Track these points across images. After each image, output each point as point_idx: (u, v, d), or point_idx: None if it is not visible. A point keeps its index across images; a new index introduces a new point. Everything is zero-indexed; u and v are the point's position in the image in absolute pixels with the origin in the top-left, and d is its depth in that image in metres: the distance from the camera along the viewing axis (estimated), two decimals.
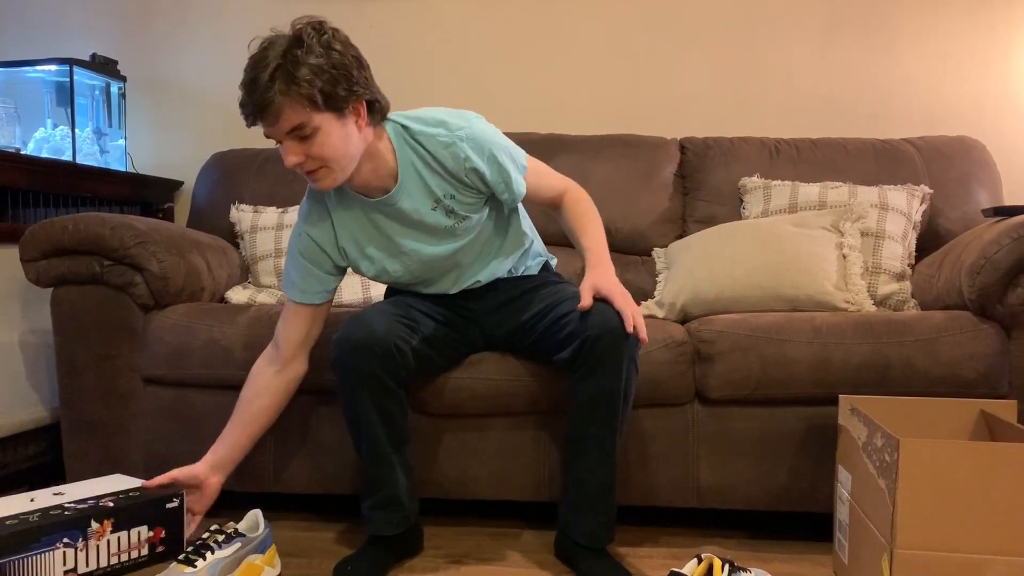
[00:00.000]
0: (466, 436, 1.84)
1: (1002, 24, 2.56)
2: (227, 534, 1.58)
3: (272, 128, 1.45)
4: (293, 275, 1.67)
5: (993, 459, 1.26)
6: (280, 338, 1.69)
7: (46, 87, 2.61)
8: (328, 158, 1.48)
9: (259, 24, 2.81)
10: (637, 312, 1.52)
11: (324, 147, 1.46)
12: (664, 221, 2.41)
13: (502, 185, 1.63)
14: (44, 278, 1.93)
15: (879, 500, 1.35)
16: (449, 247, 1.67)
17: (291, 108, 1.42)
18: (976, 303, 1.74)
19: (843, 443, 1.59)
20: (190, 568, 1.50)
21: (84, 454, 1.96)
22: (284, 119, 1.43)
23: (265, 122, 1.45)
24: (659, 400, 1.77)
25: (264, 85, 1.40)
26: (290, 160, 1.47)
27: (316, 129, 1.45)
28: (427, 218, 1.63)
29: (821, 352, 1.73)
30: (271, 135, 1.47)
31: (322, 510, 2.01)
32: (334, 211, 1.65)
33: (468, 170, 1.59)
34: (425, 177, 1.60)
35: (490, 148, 1.60)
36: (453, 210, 1.63)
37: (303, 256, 1.66)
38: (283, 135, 1.45)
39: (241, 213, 2.40)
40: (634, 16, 2.69)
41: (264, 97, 1.40)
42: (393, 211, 1.62)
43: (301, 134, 1.45)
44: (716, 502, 1.80)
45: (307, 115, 1.43)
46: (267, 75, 1.40)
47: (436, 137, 1.58)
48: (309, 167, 1.49)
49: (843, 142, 2.41)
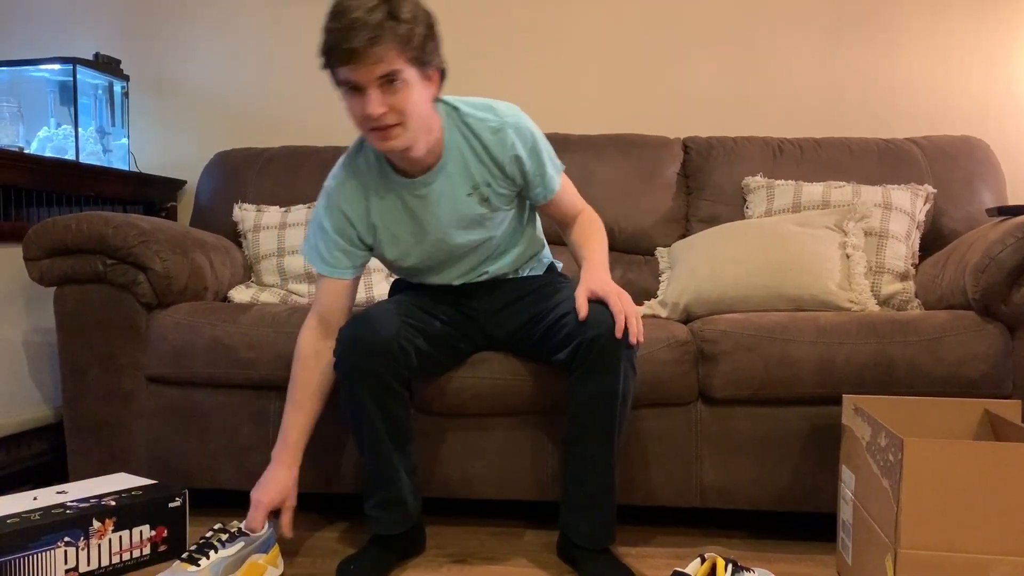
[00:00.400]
0: (468, 435, 1.84)
1: (1006, 23, 2.55)
2: (231, 533, 1.57)
3: (364, 71, 1.40)
4: (322, 250, 1.64)
5: (997, 459, 1.25)
6: (324, 312, 1.65)
7: (49, 86, 2.62)
8: (409, 114, 1.45)
9: (262, 23, 2.82)
10: (632, 312, 1.50)
11: (408, 102, 1.44)
12: (667, 221, 2.41)
13: (539, 178, 1.65)
14: (47, 277, 1.93)
15: (883, 500, 1.35)
16: (475, 237, 1.67)
17: (391, 52, 1.39)
18: (980, 303, 1.73)
19: (847, 443, 1.58)
20: (193, 567, 1.49)
21: (87, 453, 1.96)
22: (382, 63, 1.39)
23: (360, 63, 1.39)
24: (662, 400, 1.77)
25: (369, 24, 1.36)
26: (374, 108, 1.42)
27: (405, 82, 1.42)
28: (461, 203, 1.63)
29: (825, 352, 1.72)
30: (358, 80, 1.41)
31: (324, 509, 2.01)
32: (371, 188, 1.63)
33: (512, 157, 1.61)
34: (468, 160, 1.60)
35: (534, 139, 1.63)
36: (488, 199, 1.64)
37: (334, 231, 1.63)
38: (372, 81, 1.41)
39: (244, 212, 2.40)
40: (637, 15, 2.69)
41: (366, 37, 1.36)
42: (429, 192, 1.61)
43: (391, 84, 1.42)
44: (720, 502, 1.80)
45: (402, 64, 1.41)
46: (373, 15, 1.37)
47: (485, 121, 1.59)
48: (388, 121, 1.44)
49: (847, 142, 2.41)
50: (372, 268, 2.25)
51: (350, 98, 1.46)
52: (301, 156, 2.55)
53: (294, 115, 2.83)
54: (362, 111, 1.44)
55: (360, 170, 1.63)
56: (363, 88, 1.42)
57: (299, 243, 2.28)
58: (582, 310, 1.51)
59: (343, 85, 1.45)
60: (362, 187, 1.63)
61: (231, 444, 1.90)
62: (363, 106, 1.43)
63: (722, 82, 2.66)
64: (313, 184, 2.47)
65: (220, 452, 1.91)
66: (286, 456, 1.65)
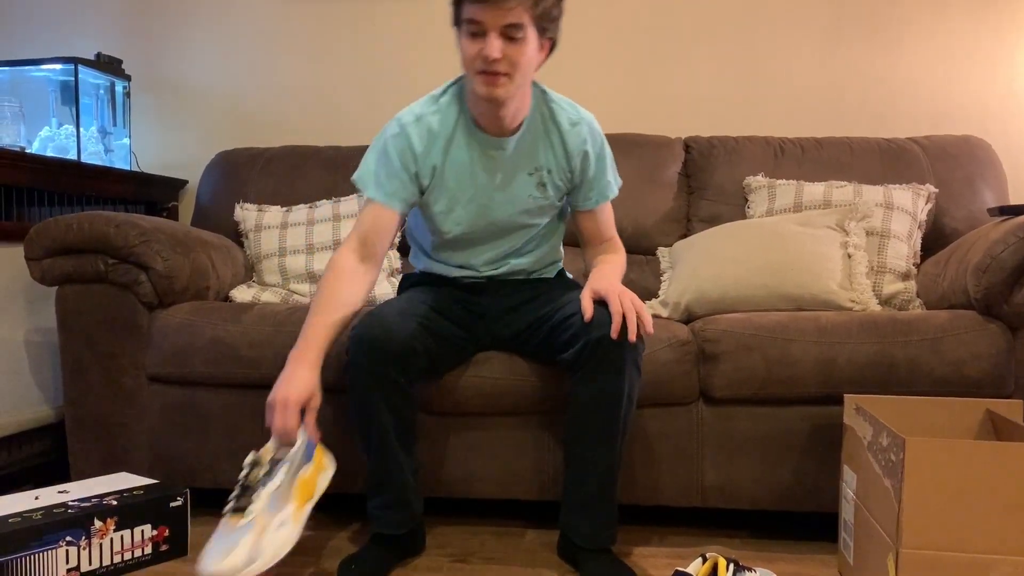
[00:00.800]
0: (470, 435, 1.84)
1: (1008, 22, 2.55)
2: (267, 466, 1.43)
3: (494, 15, 1.47)
4: (381, 176, 1.65)
5: (999, 458, 1.25)
6: (366, 235, 1.63)
7: (51, 86, 2.62)
8: (520, 67, 1.53)
9: (264, 23, 2.82)
10: (634, 308, 1.50)
11: (523, 56, 1.52)
12: (668, 220, 2.41)
13: (595, 182, 1.73)
14: (49, 276, 1.93)
15: (885, 499, 1.34)
16: (518, 219, 1.72)
17: (522, 6, 1.48)
18: (982, 302, 1.73)
19: (848, 442, 1.58)
20: (245, 518, 1.36)
21: (88, 452, 1.96)
22: (512, 12, 1.47)
23: (494, 6, 1.47)
24: (663, 400, 1.77)
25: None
26: (493, 51, 1.48)
27: (525, 38, 1.51)
28: (520, 179, 1.69)
29: (826, 352, 1.72)
30: (485, 21, 1.48)
31: (325, 509, 2.00)
32: (448, 132, 1.66)
33: (581, 152, 1.69)
34: (540, 142, 1.68)
35: (603, 144, 1.73)
36: (544, 184, 1.70)
37: (399, 159, 1.64)
38: (497, 26, 1.48)
39: (245, 212, 2.40)
40: (638, 15, 2.69)
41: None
42: (500, 156, 1.66)
43: (513, 35, 1.49)
44: (721, 502, 1.80)
45: (527, 20, 1.50)
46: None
47: (567, 112, 1.68)
48: (500, 68, 1.51)
49: (848, 141, 2.41)
50: None
51: (468, 38, 1.52)
52: (302, 156, 2.55)
53: (295, 115, 2.83)
54: (478, 52, 1.51)
55: (443, 110, 1.66)
56: (485, 31, 1.49)
57: (301, 243, 2.28)
58: (587, 311, 1.52)
59: (466, 24, 1.51)
60: (439, 127, 1.65)
61: (232, 443, 1.90)
62: (481, 47, 1.50)
63: (723, 82, 2.66)
64: (314, 184, 2.48)
65: (221, 451, 1.91)
66: (309, 355, 1.53)
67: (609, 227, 1.82)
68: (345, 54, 2.80)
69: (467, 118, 1.65)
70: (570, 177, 1.71)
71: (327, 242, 2.27)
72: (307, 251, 2.27)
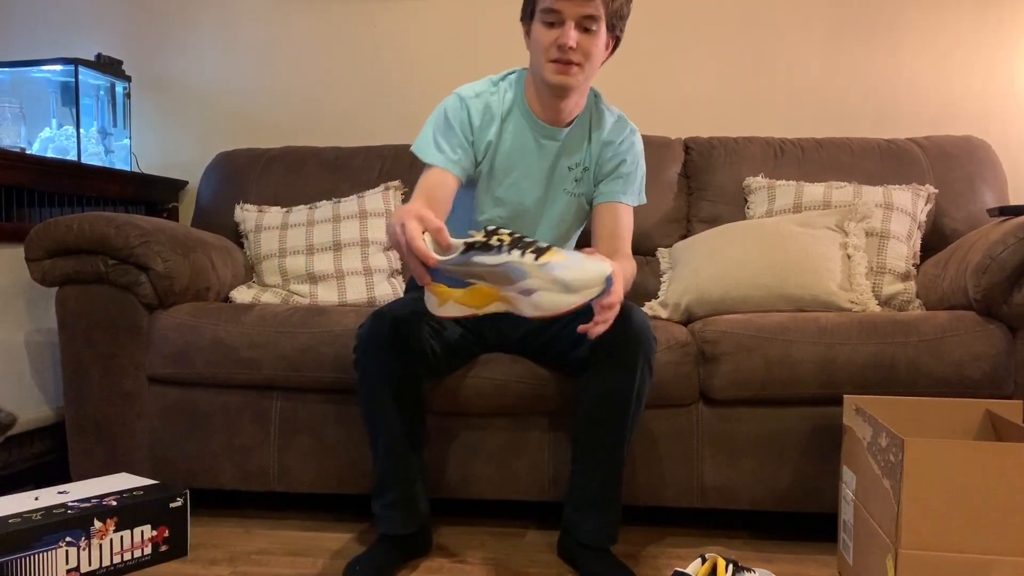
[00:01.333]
0: (471, 435, 1.84)
1: (1008, 23, 2.55)
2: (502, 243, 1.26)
3: (574, 5, 1.56)
4: (442, 143, 1.67)
5: (998, 459, 1.25)
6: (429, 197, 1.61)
7: (51, 87, 2.62)
8: (591, 58, 1.61)
9: (264, 24, 2.82)
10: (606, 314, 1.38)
11: (594, 47, 1.61)
12: (668, 221, 2.41)
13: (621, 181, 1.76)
14: (49, 277, 1.94)
15: (884, 500, 1.35)
16: (550, 209, 1.78)
17: (600, 1, 1.56)
18: (981, 303, 1.73)
19: (848, 443, 1.58)
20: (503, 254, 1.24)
21: (89, 453, 1.96)
22: (591, 5, 1.56)
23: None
24: (664, 401, 1.77)
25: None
26: (570, 40, 1.56)
27: (599, 31, 1.59)
28: (561, 170, 1.76)
29: (826, 352, 1.72)
30: (565, 11, 1.56)
31: (329, 510, 2.01)
32: (504, 112, 1.73)
33: (616, 152, 1.76)
34: (584, 137, 1.76)
35: (639, 156, 1.80)
36: (580, 180, 1.77)
37: (459, 128, 1.68)
38: (576, 16, 1.56)
39: (245, 213, 2.40)
40: (638, 15, 2.67)
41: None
42: (551, 145, 1.74)
43: (588, 26, 1.58)
44: (720, 502, 1.80)
45: (603, 14, 1.58)
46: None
47: (614, 114, 1.80)
48: (573, 58, 1.59)
49: (848, 142, 2.41)
50: (374, 268, 2.26)
51: (545, 26, 1.60)
52: (302, 157, 2.55)
53: (296, 116, 2.83)
54: (555, 40, 1.58)
55: (502, 92, 1.74)
56: (563, 20, 1.57)
57: (301, 244, 2.28)
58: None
59: (543, 12, 1.59)
60: (497, 106, 1.72)
61: (233, 444, 1.90)
62: (559, 35, 1.58)
63: (723, 82, 2.66)
64: (314, 184, 2.48)
65: (222, 452, 1.91)
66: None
67: (624, 233, 1.78)
68: (346, 56, 2.80)
69: (523, 105, 1.73)
70: (598, 171, 1.77)
71: (327, 243, 2.27)
72: (307, 252, 2.27)
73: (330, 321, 1.86)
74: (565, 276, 1.23)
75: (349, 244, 2.27)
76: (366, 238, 2.28)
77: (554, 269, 1.23)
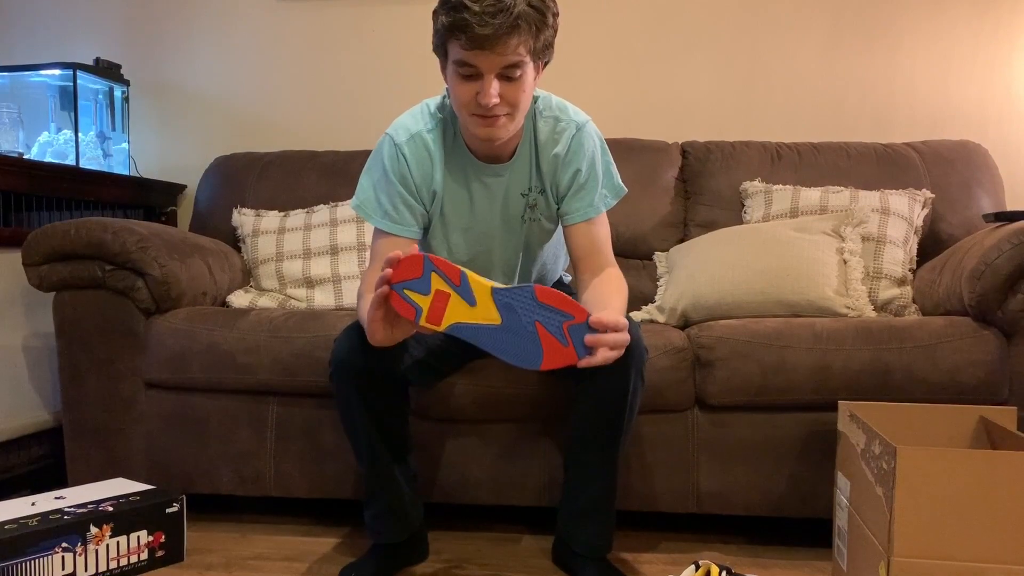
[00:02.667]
0: (466, 441, 1.84)
1: (1005, 27, 2.55)
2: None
3: (491, 59, 1.35)
4: (385, 203, 1.55)
5: (991, 467, 1.25)
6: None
7: (50, 91, 2.62)
8: (518, 105, 1.43)
9: (262, 28, 2.82)
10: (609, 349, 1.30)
11: (521, 92, 1.41)
12: (665, 225, 2.41)
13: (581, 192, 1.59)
14: (46, 283, 1.94)
15: (877, 507, 1.35)
16: (516, 240, 1.66)
17: (522, 44, 1.36)
18: (976, 309, 1.73)
19: (842, 449, 1.58)
20: None
21: (86, 458, 1.96)
22: (512, 52, 1.35)
23: (490, 50, 1.34)
24: (659, 406, 1.77)
25: (511, 11, 1.31)
26: (492, 98, 1.38)
27: (523, 74, 1.40)
28: (512, 201, 1.61)
29: (821, 358, 1.72)
30: (480, 65, 1.36)
31: (324, 515, 2.01)
32: (442, 156, 1.57)
33: (567, 162, 1.57)
34: (531, 160, 1.59)
35: (595, 151, 1.60)
36: (535, 206, 1.62)
37: (399, 181, 1.54)
38: (497, 68, 1.37)
39: (243, 217, 2.41)
40: (635, 19, 2.69)
41: (506, 24, 1.31)
42: (495, 183, 1.59)
43: (511, 74, 1.38)
44: (716, 508, 1.80)
45: (526, 55, 1.38)
46: (520, 4, 1.32)
47: (551, 122, 1.57)
48: (498, 111, 1.41)
49: (845, 146, 2.41)
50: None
51: (460, 80, 1.41)
52: (300, 160, 2.56)
53: (293, 119, 2.83)
54: (472, 96, 1.40)
55: (440, 129, 1.57)
56: (481, 74, 1.38)
57: (298, 248, 2.29)
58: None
59: (458, 64, 1.39)
60: (436, 148, 1.56)
61: (229, 449, 1.91)
62: (476, 92, 1.39)
63: (721, 86, 2.66)
64: (312, 189, 2.48)
65: (218, 457, 1.91)
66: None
67: (603, 246, 1.62)
68: (343, 59, 2.80)
69: (461, 145, 1.58)
70: (556, 190, 1.61)
71: (324, 247, 2.27)
72: (304, 256, 2.27)
73: (326, 326, 1.86)
74: None
75: (346, 248, 2.28)
76: (363, 242, 2.28)
77: None
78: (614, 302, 1.51)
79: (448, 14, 1.35)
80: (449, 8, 1.35)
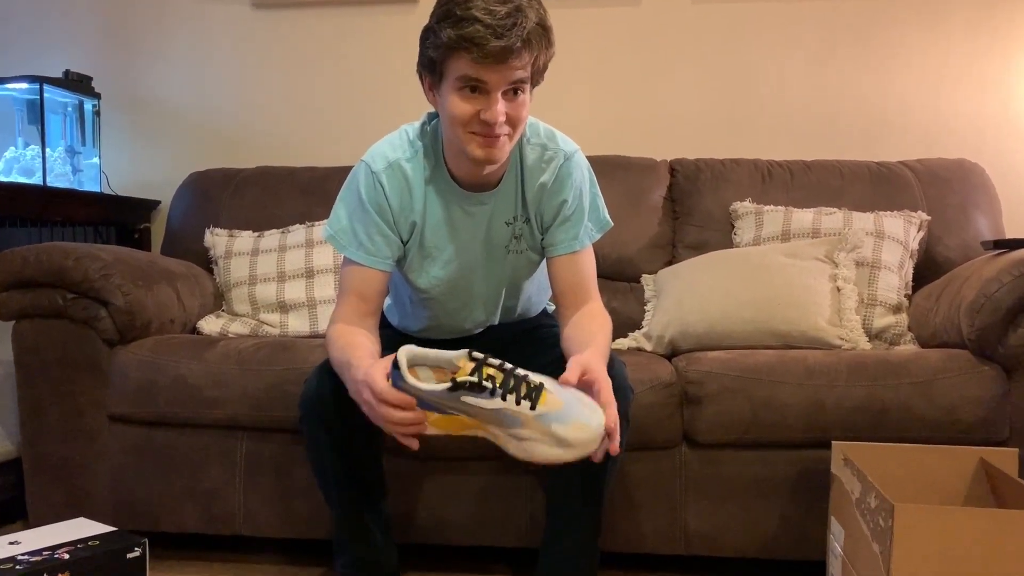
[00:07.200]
0: (444, 479, 1.76)
1: (1001, 43, 2.48)
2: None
3: (502, 74, 1.29)
4: (360, 234, 1.47)
5: (993, 526, 1.18)
6: (362, 296, 1.47)
7: (17, 105, 2.53)
8: (518, 124, 1.38)
9: (239, 40, 2.74)
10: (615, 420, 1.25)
11: (523, 110, 1.37)
12: (653, 246, 2.33)
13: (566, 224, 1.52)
14: (5, 311, 1.86)
15: (873, 564, 1.28)
16: (499, 272, 1.58)
17: (531, 60, 1.31)
18: (976, 343, 1.66)
19: (836, 494, 1.51)
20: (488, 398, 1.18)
21: (47, 494, 1.88)
22: (522, 67, 1.31)
23: (504, 64, 1.28)
24: (646, 444, 1.70)
25: (527, 25, 1.28)
26: (500, 115, 1.32)
27: (525, 93, 1.36)
28: (497, 232, 1.53)
29: (814, 395, 1.65)
30: (489, 80, 1.30)
31: (296, 556, 1.93)
32: (422, 184, 1.49)
33: (557, 198, 1.51)
34: (516, 188, 1.52)
35: (583, 182, 1.54)
36: (520, 236, 1.55)
37: (376, 211, 1.46)
38: (505, 84, 1.31)
39: (216, 238, 2.32)
40: (623, 34, 2.61)
41: (521, 37, 1.27)
42: (480, 212, 1.51)
43: (515, 91, 1.34)
44: (705, 549, 1.73)
45: (530, 74, 1.34)
46: (530, 15, 1.28)
47: (538, 149, 1.51)
48: (501, 131, 1.34)
49: (838, 164, 2.34)
50: None
51: (462, 97, 1.33)
52: (277, 177, 2.47)
53: (271, 133, 2.75)
54: (473, 114, 1.33)
55: (420, 157, 1.49)
56: (485, 92, 1.32)
57: (272, 271, 2.20)
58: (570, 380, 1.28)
59: (461, 80, 1.31)
60: (416, 177, 1.48)
61: (197, 486, 1.82)
62: (478, 109, 1.33)
63: (710, 102, 2.59)
64: (288, 208, 2.40)
65: (186, 494, 1.83)
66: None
67: (587, 281, 1.55)
68: (322, 71, 2.72)
69: (443, 168, 1.49)
70: (541, 220, 1.54)
71: (299, 270, 2.19)
72: (278, 279, 2.19)
73: (297, 358, 1.79)
74: (561, 432, 1.19)
75: (322, 271, 2.20)
76: (339, 265, 2.20)
77: (551, 422, 1.18)
78: (598, 340, 1.42)
79: (455, 27, 1.28)
80: (456, 22, 1.28)
